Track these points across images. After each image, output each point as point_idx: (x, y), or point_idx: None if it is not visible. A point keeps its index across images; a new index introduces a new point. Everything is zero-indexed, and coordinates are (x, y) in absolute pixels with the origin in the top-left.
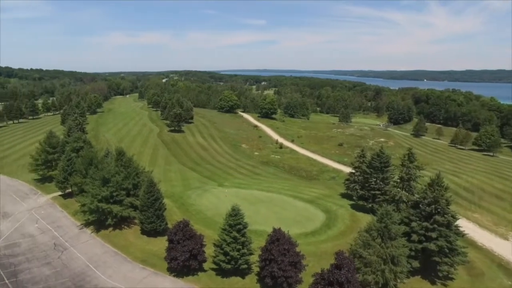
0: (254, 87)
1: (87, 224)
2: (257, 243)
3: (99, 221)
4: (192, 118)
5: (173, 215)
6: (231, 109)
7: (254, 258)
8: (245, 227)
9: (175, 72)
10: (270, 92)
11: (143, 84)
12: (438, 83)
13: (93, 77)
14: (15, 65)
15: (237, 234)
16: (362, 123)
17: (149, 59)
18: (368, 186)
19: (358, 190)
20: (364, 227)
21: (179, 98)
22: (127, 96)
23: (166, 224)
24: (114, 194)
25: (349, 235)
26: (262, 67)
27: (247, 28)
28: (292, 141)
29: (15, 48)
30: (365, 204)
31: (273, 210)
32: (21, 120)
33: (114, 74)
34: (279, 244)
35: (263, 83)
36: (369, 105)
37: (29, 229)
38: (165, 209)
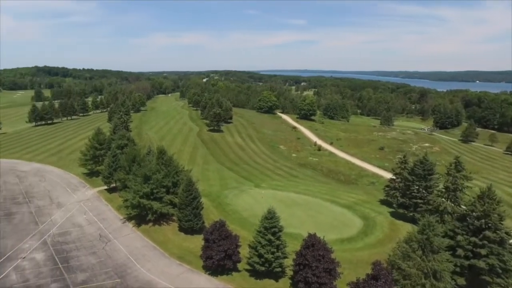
0: (293, 87)
1: (129, 218)
2: (292, 247)
3: (140, 216)
4: (231, 118)
5: (210, 214)
6: (270, 110)
7: (288, 262)
8: (280, 230)
9: (215, 72)
10: (309, 93)
11: (184, 84)
12: (494, 85)
13: (138, 77)
14: (70, 66)
15: (272, 237)
16: (405, 127)
17: (190, 59)
18: (409, 194)
19: (399, 198)
20: (403, 237)
21: (219, 98)
22: (169, 95)
23: (203, 222)
24: (155, 191)
25: (387, 244)
26: (302, 67)
27: (287, 28)
28: (331, 144)
29: (70, 49)
30: (406, 212)
31: (309, 213)
32: (73, 117)
33: (157, 74)
34: (314, 250)
35: (302, 83)
36: (413, 108)
37: (78, 219)
38: (203, 208)
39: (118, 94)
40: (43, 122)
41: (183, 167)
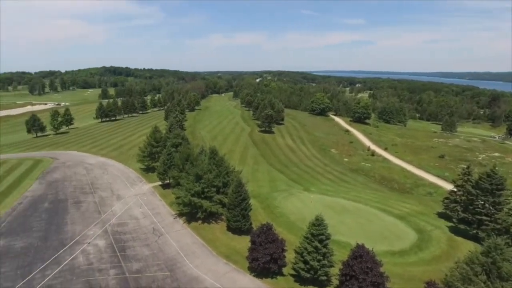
0: (347, 89)
1: (180, 214)
2: (339, 255)
3: (190, 213)
4: (282, 119)
5: (258, 216)
6: (322, 112)
7: (334, 271)
8: (327, 238)
9: (269, 72)
10: (364, 95)
11: (238, 84)
12: None
13: (194, 76)
14: (132, 66)
15: (318, 244)
16: (471, 134)
17: (244, 59)
18: (472, 209)
19: (460, 212)
20: (464, 257)
21: (271, 99)
22: (223, 95)
23: (251, 224)
24: (206, 190)
25: (444, 262)
26: (357, 68)
27: (342, 28)
28: (386, 149)
29: (133, 50)
30: (468, 229)
31: (358, 221)
32: (133, 114)
33: (212, 74)
34: (362, 261)
35: (357, 85)
36: (482, 113)
37: (135, 212)
38: (251, 209)
39: (174, 93)
40: (107, 119)
41: (234, 168)
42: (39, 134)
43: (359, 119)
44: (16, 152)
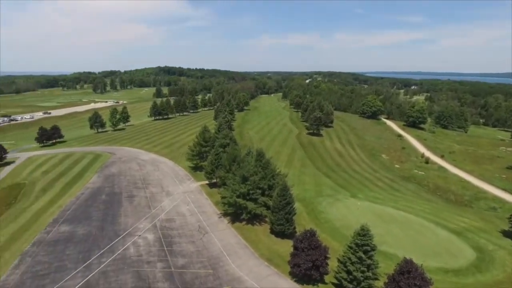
0: (402, 91)
1: (225, 214)
2: (385, 268)
3: (235, 213)
4: (331, 122)
5: (302, 220)
6: (373, 115)
7: (379, 284)
8: (373, 249)
9: (319, 73)
10: (420, 97)
11: (287, 84)
12: None
13: (244, 76)
14: (184, 66)
15: (363, 255)
16: None
17: (294, 59)
18: None
19: None
20: None
21: (320, 101)
22: (272, 95)
23: (294, 228)
24: (251, 192)
25: None
26: (414, 68)
27: (398, 27)
28: (442, 157)
29: (186, 51)
30: None
31: (408, 233)
32: (184, 113)
33: (262, 74)
34: (409, 278)
35: (413, 87)
36: None
37: (182, 209)
38: (295, 213)
39: (224, 93)
40: (160, 117)
41: (280, 170)
42: (99, 130)
43: (413, 124)
44: (80, 146)
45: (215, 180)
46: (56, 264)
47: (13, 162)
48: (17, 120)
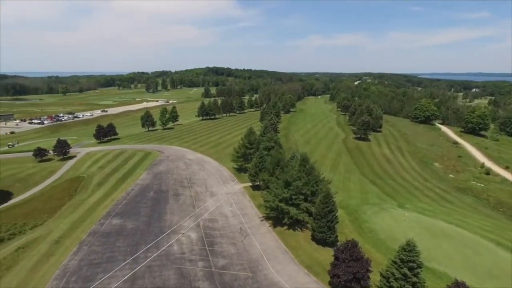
0: (460, 94)
1: (267, 217)
2: (433, 286)
3: (277, 218)
4: (380, 126)
5: (344, 228)
6: (427, 120)
7: None
8: (419, 267)
9: (369, 74)
10: (482, 101)
11: (335, 86)
12: None
13: (291, 77)
14: (233, 66)
15: (408, 272)
16: None
17: (344, 60)
18: None
19: None
20: None
21: (369, 104)
22: (319, 97)
23: (336, 236)
24: (294, 197)
25: None
26: (474, 69)
27: (459, 24)
28: (507, 168)
29: (235, 51)
30: None
31: (461, 251)
32: (231, 114)
33: (309, 75)
34: None
35: (473, 90)
36: None
37: (225, 210)
38: (337, 222)
39: (271, 95)
40: (207, 117)
41: (324, 176)
42: (150, 128)
43: (472, 130)
44: (132, 143)
45: (258, 183)
46: (107, 255)
47: (74, 156)
48: (79, 117)
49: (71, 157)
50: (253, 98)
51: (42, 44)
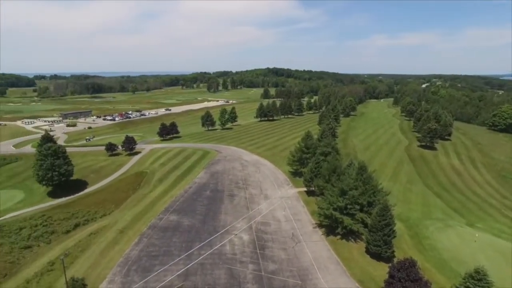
0: None
1: (320, 225)
2: None
3: (330, 226)
4: (449, 134)
5: (402, 243)
6: (508, 128)
7: None
8: None
9: (439, 76)
10: None
11: (400, 89)
12: None
13: (352, 79)
14: (292, 67)
15: None
16: None
17: (409, 61)
18: None
19: None
20: None
21: (438, 110)
22: (381, 100)
23: (393, 251)
24: (349, 206)
25: None
26: None
27: None
28: None
29: (295, 52)
30: None
31: None
32: (289, 116)
33: (372, 76)
34: None
35: None
36: None
37: (278, 214)
38: (395, 236)
39: (331, 97)
40: (266, 119)
41: (382, 187)
42: (210, 128)
43: None
44: (192, 142)
45: (313, 189)
46: (164, 249)
47: (140, 152)
48: (145, 115)
49: (137, 153)
50: (312, 100)
51: (116, 47)
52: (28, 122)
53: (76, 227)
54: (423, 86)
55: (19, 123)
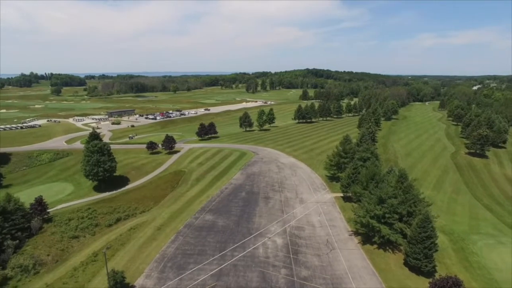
0: None
1: (356, 232)
2: None
3: (367, 235)
4: (504, 142)
5: (445, 258)
6: None
7: None
8: None
9: (493, 78)
10: None
11: (447, 92)
12: None
13: (395, 80)
14: (332, 68)
15: None
16: None
17: (459, 61)
18: None
19: None
20: None
21: (490, 115)
22: (426, 103)
23: (434, 266)
24: (387, 215)
25: None
26: None
27: None
28: None
29: (335, 53)
30: None
31: None
32: (328, 118)
33: (417, 78)
34: None
35: None
36: None
37: (313, 219)
38: (437, 250)
39: (371, 99)
40: (304, 120)
41: (424, 196)
42: (247, 129)
43: None
44: (230, 142)
45: (350, 194)
46: (199, 248)
47: (178, 151)
48: (185, 115)
49: (176, 152)
50: (352, 103)
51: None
52: (78, 119)
53: (118, 221)
54: (474, 88)
55: (70, 120)
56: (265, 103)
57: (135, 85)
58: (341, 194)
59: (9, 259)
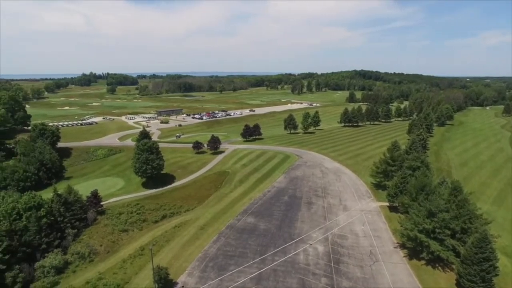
0: None
1: (402, 245)
2: None
3: (414, 249)
4: None
5: (508, 283)
6: None
7: None
8: None
9: None
10: None
11: None
12: None
13: (451, 83)
14: (382, 70)
15: None
16: None
17: None
18: None
19: None
20: None
21: None
22: (487, 108)
23: None
24: (437, 230)
25: None
26: None
27: None
28: None
29: (385, 54)
30: None
31: None
32: (375, 122)
33: (476, 80)
34: None
35: None
36: None
37: (356, 228)
38: (497, 274)
39: (423, 103)
40: (350, 124)
41: (482, 213)
42: (292, 131)
43: None
44: (274, 144)
45: (397, 204)
46: (240, 250)
47: (223, 152)
48: (230, 115)
49: (221, 152)
50: (402, 106)
51: (207, 48)
52: (130, 117)
53: (163, 218)
54: None
55: (123, 118)
56: (310, 105)
57: (183, 85)
58: (387, 204)
59: (69, 246)
